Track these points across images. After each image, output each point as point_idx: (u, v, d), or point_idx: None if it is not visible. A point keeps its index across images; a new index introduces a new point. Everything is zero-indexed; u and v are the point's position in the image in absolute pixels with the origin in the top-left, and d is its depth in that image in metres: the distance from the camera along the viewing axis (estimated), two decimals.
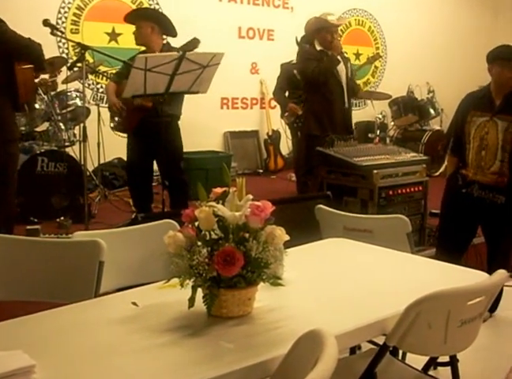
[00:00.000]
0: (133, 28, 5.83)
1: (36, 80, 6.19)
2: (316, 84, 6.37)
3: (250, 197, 2.18)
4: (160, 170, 5.81)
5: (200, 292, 2.15)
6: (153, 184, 7.43)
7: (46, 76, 6.58)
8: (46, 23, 5.33)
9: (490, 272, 2.52)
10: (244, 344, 2.02)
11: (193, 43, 5.62)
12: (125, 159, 7.37)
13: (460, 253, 4.67)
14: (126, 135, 6.09)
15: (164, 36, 5.90)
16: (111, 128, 6.15)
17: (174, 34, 5.87)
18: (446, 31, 11.46)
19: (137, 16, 5.79)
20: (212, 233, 2.14)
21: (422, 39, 11.13)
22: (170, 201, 5.58)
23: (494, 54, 4.41)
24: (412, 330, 2.23)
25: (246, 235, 2.13)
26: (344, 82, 6.57)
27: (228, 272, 2.07)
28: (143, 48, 5.81)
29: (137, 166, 5.89)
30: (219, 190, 2.22)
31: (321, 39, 6.46)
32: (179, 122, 5.83)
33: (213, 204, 2.14)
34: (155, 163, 5.96)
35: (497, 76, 4.39)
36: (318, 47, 6.47)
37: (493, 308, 4.66)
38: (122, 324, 2.18)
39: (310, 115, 6.57)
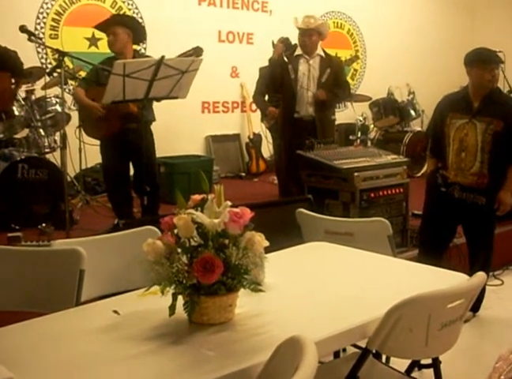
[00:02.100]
0: None
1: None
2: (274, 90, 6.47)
3: (229, 203, 2.18)
4: (138, 176, 5.74)
5: (181, 299, 2.14)
6: None
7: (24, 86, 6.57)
8: (22, 29, 5.26)
9: (472, 272, 2.53)
10: (225, 351, 2.01)
11: (197, 51, 5.61)
12: None
13: (441, 253, 4.72)
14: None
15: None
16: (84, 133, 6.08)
17: (143, 41, 5.87)
18: (425, 32, 11.50)
19: (116, 23, 5.75)
20: (191, 240, 2.13)
21: (401, 41, 11.16)
22: (144, 205, 5.55)
23: (472, 57, 4.44)
24: (393, 334, 2.23)
25: (226, 242, 2.13)
26: (301, 89, 6.40)
27: (208, 279, 2.07)
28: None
29: (115, 172, 5.83)
30: (198, 197, 2.21)
31: (298, 42, 6.48)
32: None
33: (192, 211, 2.14)
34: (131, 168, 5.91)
35: (476, 79, 4.42)
36: (298, 51, 6.46)
37: (476, 308, 4.69)
38: (103, 332, 2.17)
39: (278, 120, 6.74)
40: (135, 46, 5.86)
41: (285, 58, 6.51)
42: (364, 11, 10.93)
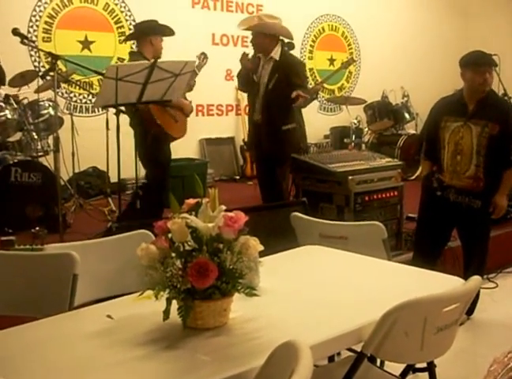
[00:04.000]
0: (106, 36, 5.79)
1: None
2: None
3: (223, 207, 2.17)
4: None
5: (175, 304, 2.13)
6: (129, 192, 7.43)
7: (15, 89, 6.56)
8: (15, 32, 5.24)
9: (466, 275, 2.53)
10: (220, 356, 2.01)
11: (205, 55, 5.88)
12: (100, 168, 7.36)
13: (436, 256, 4.72)
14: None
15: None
16: None
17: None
18: (420, 36, 11.53)
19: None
20: (185, 244, 2.13)
21: (395, 44, 11.18)
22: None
23: (466, 60, 4.44)
24: (388, 338, 2.23)
25: (220, 246, 2.12)
26: (262, 92, 6.01)
27: (202, 283, 2.06)
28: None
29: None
30: (192, 201, 2.21)
31: None
32: None
33: (186, 215, 2.13)
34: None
35: (469, 82, 4.42)
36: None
37: (470, 311, 4.69)
38: (97, 337, 2.15)
39: None
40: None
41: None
42: (359, 14, 10.94)
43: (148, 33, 5.82)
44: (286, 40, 6.09)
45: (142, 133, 5.48)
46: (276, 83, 5.88)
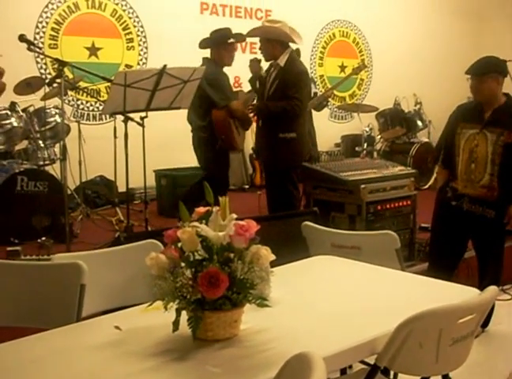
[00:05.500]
0: (114, 42, 5.79)
1: None
2: None
3: (234, 216, 2.14)
4: None
5: (184, 315, 2.10)
6: (137, 202, 7.41)
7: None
8: (22, 38, 5.21)
9: (481, 286, 2.49)
10: (231, 368, 1.97)
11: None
12: (107, 176, 7.34)
13: (452, 268, 4.65)
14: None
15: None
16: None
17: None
18: (432, 41, 11.42)
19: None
20: (195, 254, 2.09)
21: (408, 50, 11.09)
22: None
23: (468, 69, 4.40)
24: (402, 350, 2.18)
25: (231, 256, 2.09)
26: (265, 98, 6.01)
27: (213, 293, 2.02)
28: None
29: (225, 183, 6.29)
30: (202, 210, 2.17)
31: None
32: None
33: (196, 224, 2.10)
34: None
35: (471, 90, 4.39)
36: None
37: (485, 323, 4.62)
38: (105, 349, 2.12)
39: None
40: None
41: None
42: (370, 20, 10.87)
43: (221, 42, 6.05)
44: (294, 47, 6.06)
45: (210, 139, 5.87)
46: (276, 90, 5.87)
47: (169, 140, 8.07)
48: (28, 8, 7.60)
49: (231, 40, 6.06)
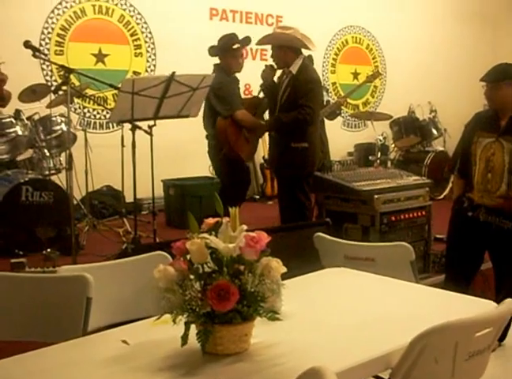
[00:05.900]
0: (121, 48, 5.78)
1: None
2: None
3: (245, 227, 2.10)
4: None
5: (193, 329, 2.06)
6: (145, 213, 7.38)
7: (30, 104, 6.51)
8: (27, 45, 5.15)
9: (498, 298, 2.44)
10: None
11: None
12: (114, 186, 7.31)
13: (468, 280, 4.57)
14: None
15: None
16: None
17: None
18: (447, 48, 11.34)
19: None
20: (205, 266, 2.06)
21: (423, 57, 11.00)
22: None
23: (483, 76, 4.35)
24: (417, 365, 2.13)
25: (241, 268, 2.06)
26: (278, 106, 5.91)
27: (223, 307, 1.99)
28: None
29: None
30: (211, 221, 2.14)
31: None
32: None
33: (205, 235, 2.06)
34: None
35: (486, 97, 4.34)
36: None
37: (502, 337, 4.53)
38: (112, 364, 2.09)
39: None
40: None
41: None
42: (384, 26, 10.78)
43: (226, 48, 6.07)
44: (306, 53, 6.02)
45: (217, 147, 5.91)
46: (288, 98, 5.81)
47: (178, 149, 8.04)
48: (33, 14, 7.57)
49: (237, 46, 6.01)
